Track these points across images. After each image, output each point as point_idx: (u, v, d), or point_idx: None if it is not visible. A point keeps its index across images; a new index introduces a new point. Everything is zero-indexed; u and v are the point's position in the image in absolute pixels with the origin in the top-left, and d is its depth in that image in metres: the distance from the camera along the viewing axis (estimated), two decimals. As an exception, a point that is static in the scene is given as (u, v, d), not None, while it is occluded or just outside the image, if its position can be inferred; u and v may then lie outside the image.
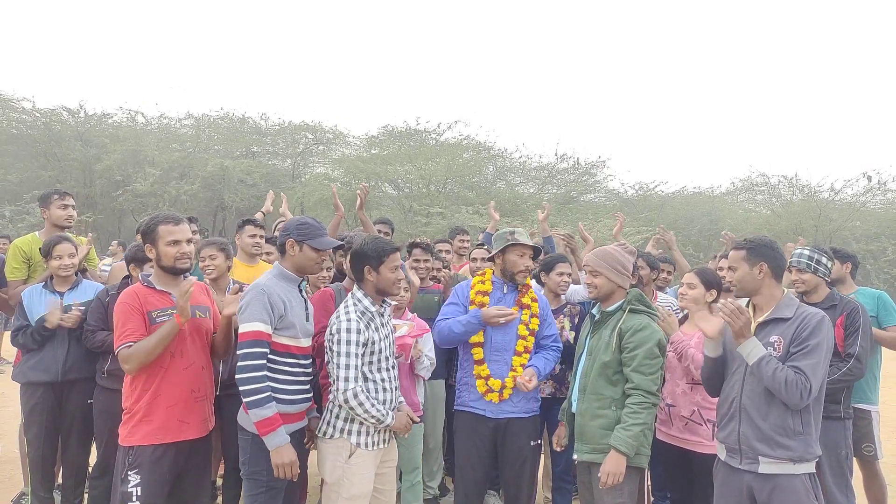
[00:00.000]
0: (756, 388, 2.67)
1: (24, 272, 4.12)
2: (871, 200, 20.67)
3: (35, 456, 3.74)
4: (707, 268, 3.80)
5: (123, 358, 2.74)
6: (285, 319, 2.81)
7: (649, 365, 2.93)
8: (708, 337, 2.81)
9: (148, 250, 2.93)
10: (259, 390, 2.68)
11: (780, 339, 2.67)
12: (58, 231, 4.19)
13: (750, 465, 2.67)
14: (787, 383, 2.52)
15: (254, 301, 2.75)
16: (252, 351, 2.70)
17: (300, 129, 23.46)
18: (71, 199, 4.36)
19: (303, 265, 2.94)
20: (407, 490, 4.18)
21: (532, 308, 3.47)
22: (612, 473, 2.87)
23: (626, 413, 2.91)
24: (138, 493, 2.72)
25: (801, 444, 2.59)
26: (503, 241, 3.49)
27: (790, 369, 2.55)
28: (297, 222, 2.98)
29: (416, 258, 4.44)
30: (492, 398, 3.41)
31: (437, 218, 17.19)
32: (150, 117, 23.04)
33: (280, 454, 2.69)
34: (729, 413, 2.77)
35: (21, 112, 20.42)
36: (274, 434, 2.68)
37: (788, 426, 2.60)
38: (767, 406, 2.64)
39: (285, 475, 2.72)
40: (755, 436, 2.64)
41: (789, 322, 2.68)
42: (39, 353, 3.67)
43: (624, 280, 3.15)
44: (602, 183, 23.20)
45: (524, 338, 3.44)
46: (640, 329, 2.98)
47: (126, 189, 19.37)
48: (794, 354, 2.60)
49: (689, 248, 19.05)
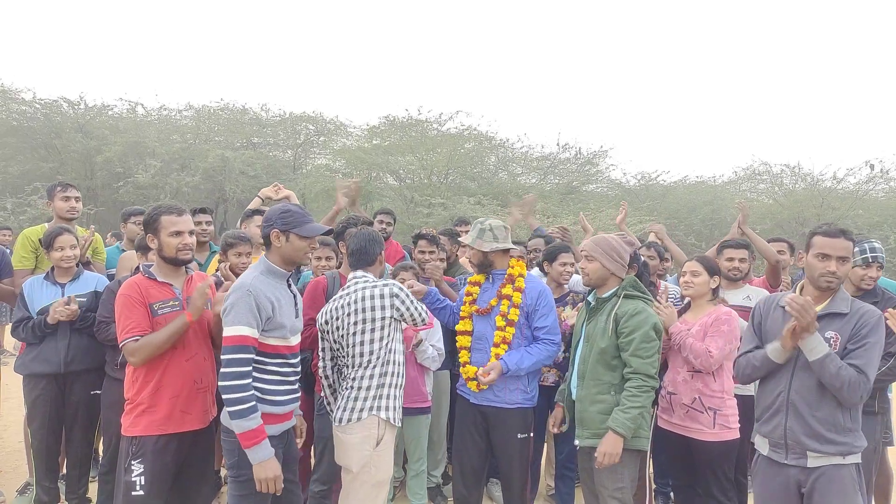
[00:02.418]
0: (807, 383, 2.57)
1: (33, 262, 4.14)
2: (874, 189, 20.60)
3: (39, 447, 3.75)
4: (705, 255, 3.79)
5: (130, 351, 2.74)
6: (273, 320, 2.67)
7: (646, 348, 2.96)
8: (785, 348, 2.60)
9: (150, 240, 2.91)
10: (242, 400, 2.53)
11: (837, 336, 2.57)
12: (65, 223, 4.20)
13: (797, 461, 2.59)
14: (851, 383, 2.44)
15: (239, 303, 2.59)
16: (236, 357, 2.55)
17: (301, 119, 23.42)
18: (74, 191, 4.35)
19: (291, 256, 2.78)
20: (411, 478, 4.20)
21: (514, 298, 3.43)
22: (608, 454, 2.91)
23: (625, 396, 2.96)
24: (142, 482, 2.73)
25: (850, 438, 2.55)
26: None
27: (852, 368, 2.47)
28: (279, 211, 2.78)
29: (421, 249, 4.44)
30: (471, 386, 3.46)
31: (439, 209, 17.18)
32: (150, 108, 23.07)
33: (264, 469, 2.56)
34: (774, 407, 2.67)
35: (21, 103, 20.41)
36: (258, 447, 2.54)
37: (839, 422, 2.54)
38: (819, 401, 2.55)
39: (268, 490, 2.59)
40: (804, 431, 2.56)
41: (846, 318, 2.58)
42: (41, 344, 3.67)
43: (618, 268, 3.16)
44: (604, 173, 23.19)
45: (502, 328, 3.43)
46: (635, 313, 3.01)
47: (127, 181, 19.37)
48: (853, 352, 2.52)
49: (690, 238, 19.01)
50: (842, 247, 2.57)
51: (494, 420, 3.44)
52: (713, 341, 3.35)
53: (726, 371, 3.42)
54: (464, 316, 3.61)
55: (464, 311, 3.61)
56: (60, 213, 4.27)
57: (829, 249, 2.57)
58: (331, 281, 3.71)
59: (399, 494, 4.46)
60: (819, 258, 2.60)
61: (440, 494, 4.43)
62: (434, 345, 3.92)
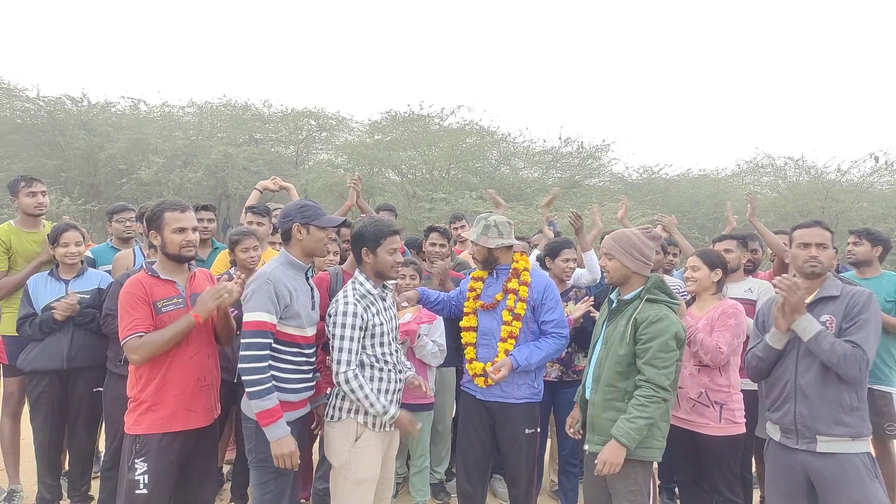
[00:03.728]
0: (811, 367, 2.70)
1: (5, 263, 3.99)
2: (879, 181, 20.44)
3: (42, 444, 3.75)
4: (709, 249, 3.77)
5: (132, 348, 2.73)
6: (291, 309, 2.79)
7: (663, 358, 2.80)
8: (780, 330, 2.76)
9: (153, 237, 2.91)
10: (261, 381, 2.67)
11: (832, 318, 2.71)
12: (31, 220, 4.09)
13: (808, 445, 2.69)
14: (846, 357, 2.56)
15: (259, 290, 2.73)
16: (255, 341, 2.69)
17: (303, 115, 23.37)
18: (40, 185, 4.10)
19: (312, 248, 2.92)
20: (414, 475, 4.21)
21: (520, 292, 3.41)
22: (608, 462, 2.79)
23: (633, 405, 2.80)
24: (146, 480, 2.73)
25: (857, 420, 2.64)
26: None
27: (846, 343, 2.59)
28: (297, 206, 2.94)
29: (432, 242, 4.46)
30: (478, 382, 3.42)
31: (441, 203, 17.13)
32: (152, 105, 23.02)
33: (280, 445, 2.70)
34: (783, 394, 2.79)
35: (25, 101, 20.42)
36: (275, 426, 2.68)
37: (845, 402, 2.64)
38: (823, 384, 2.67)
39: (286, 465, 2.73)
40: (812, 415, 2.68)
41: (838, 300, 2.73)
42: (43, 341, 3.66)
43: (640, 266, 2.99)
44: (606, 167, 23.08)
45: (508, 323, 3.40)
46: (655, 320, 2.85)
47: (130, 177, 19.38)
48: (848, 329, 2.66)
49: (694, 231, 18.94)
50: (818, 234, 2.84)
51: (501, 416, 3.41)
52: (721, 335, 3.33)
53: (733, 365, 3.40)
54: (468, 311, 3.57)
55: (468, 307, 3.57)
56: (27, 209, 4.04)
57: (808, 238, 2.85)
58: (333, 277, 3.70)
59: (402, 490, 4.46)
60: (801, 247, 2.86)
61: (443, 491, 4.43)
62: (435, 340, 3.90)
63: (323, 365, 3.61)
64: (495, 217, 3.50)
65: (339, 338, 2.82)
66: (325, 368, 3.58)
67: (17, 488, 4.04)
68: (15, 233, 4.05)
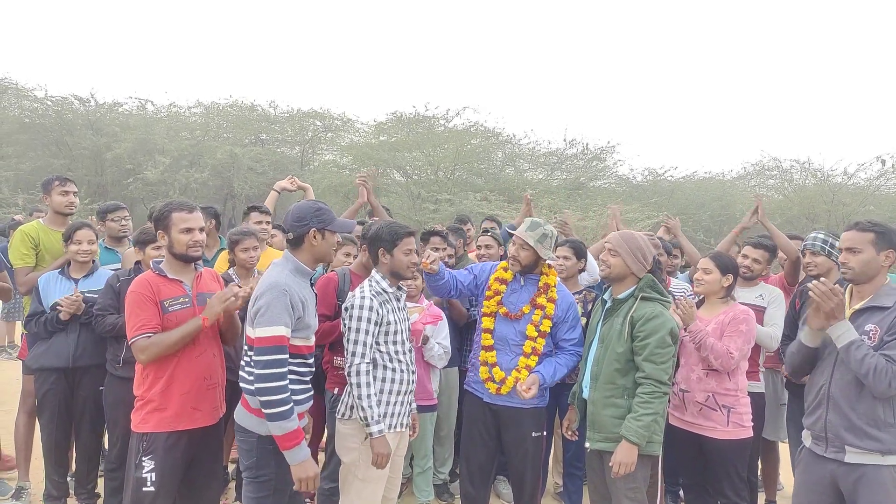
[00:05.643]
0: (846, 376, 2.61)
1: (33, 259, 4.06)
2: (886, 184, 20.33)
3: (48, 442, 3.76)
4: (721, 252, 3.76)
5: (140, 348, 2.73)
6: (302, 321, 2.69)
7: (661, 354, 2.91)
8: (812, 329, 2.69)
9: (160, 237, 2.92)
10: (283, 401, 2.54)
11: (877, 329, 2.58)
12: (60, 219, 4.16)
13: (836, 454, 2.62)
14: (877, 370, 2.45)
15: (275, 302, 2.57)
16: (275, 358, 2.55)
17: (308, 116, 23.47)
18: (72, 186, 4.23)
19: (325, 253, 2.84)
20: (418, 475, 4.21)
21: (547, 309, 3.39)
22: (623, 463, 2.87)
23: (637, 403, 2.90)
24: (153, 478, 2.74)
25: (891, 437, 2.53)
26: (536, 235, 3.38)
27: (881, 356, 2.48)
28: (313, 209, 2.79)
29: (434, 247, 4.46)
30: (490, 387, 3.40)
31: (446, 205, 17.13)
32: (159, 106, 23.23)
33: (305, 469, 2.60)
34: (816, 400, 2.73)
35: (33, 101, 20.57)
36: (298, 448, 2.58)
37: (879, 417, 2.54)
38: (857, 395, 2.57)
39: (308, 489, 2.63)
40: (843, 425, 2.59)
41: (889, 311, 2.58)
42: (50, 339, 3.67)
43: (639, 269, 3.08)
44: (611, 168, 23.01)
45: (533, 339, 3.37)
46: (651, 317, 2.94)
47: (136, 177, 19.47)
48: (889, 343, 2.52)
49: (699, 234, 18.87)
50: (846, 238, 2.71)
51: (508, 420, 3.41)
52: (732, 341, 3.32)
53: (740, 369, 3.39)
54: (487, 313, 3.50)
55: (487, 308, 3.50)
56: (58, 207, 4.16)
57: (840, 242, 2.76)
58: (341, 277, 3.71)
59: (405, 491, 4.46)
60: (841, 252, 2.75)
61: (447, 492, 4.43)
62: (440, 342, 3.91)
63: (330, 365, 3.63)
64: (552, 227, 3.45)
65: (354, 330, 2.84)
66: (333, 368, 3.60)
67: (25, 485, 4.08)
68: (44, 231, 4.11)
